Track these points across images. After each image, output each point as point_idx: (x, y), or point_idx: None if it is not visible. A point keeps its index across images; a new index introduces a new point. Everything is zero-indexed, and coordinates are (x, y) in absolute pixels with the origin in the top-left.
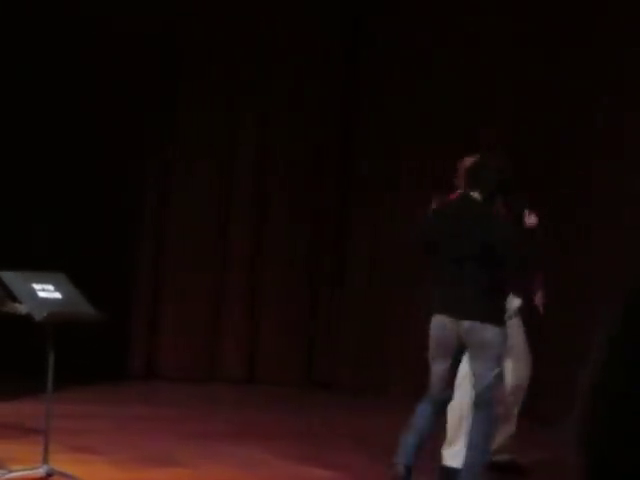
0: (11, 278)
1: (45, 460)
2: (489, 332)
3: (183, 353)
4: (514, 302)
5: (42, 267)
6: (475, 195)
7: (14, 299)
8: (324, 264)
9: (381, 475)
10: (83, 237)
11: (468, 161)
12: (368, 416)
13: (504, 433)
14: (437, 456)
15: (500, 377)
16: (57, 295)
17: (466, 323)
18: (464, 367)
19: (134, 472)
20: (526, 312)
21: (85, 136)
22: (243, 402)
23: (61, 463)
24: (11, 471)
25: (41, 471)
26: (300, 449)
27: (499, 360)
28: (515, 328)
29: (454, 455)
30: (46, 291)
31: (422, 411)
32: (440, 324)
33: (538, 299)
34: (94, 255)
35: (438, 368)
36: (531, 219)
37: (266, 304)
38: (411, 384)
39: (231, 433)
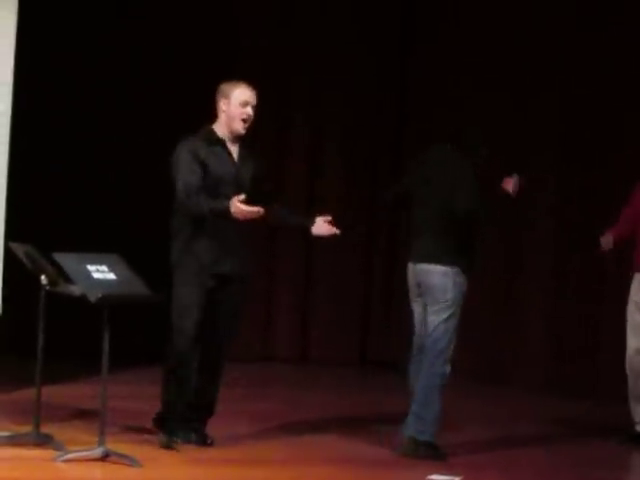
0: (64, 259)
1: (101, 442)
2: None
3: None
4: None
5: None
6: None
7: (68, 280)
8: None
9: None
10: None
11: None
12: None
13: None
14: None
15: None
16: (111, 276)
17: None
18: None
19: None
20: None
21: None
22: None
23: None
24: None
25: (98, 452)
26: None
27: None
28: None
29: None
30: (100, 272)
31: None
32: None
33: None
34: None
35: None
36: None
37: None
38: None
39: None
